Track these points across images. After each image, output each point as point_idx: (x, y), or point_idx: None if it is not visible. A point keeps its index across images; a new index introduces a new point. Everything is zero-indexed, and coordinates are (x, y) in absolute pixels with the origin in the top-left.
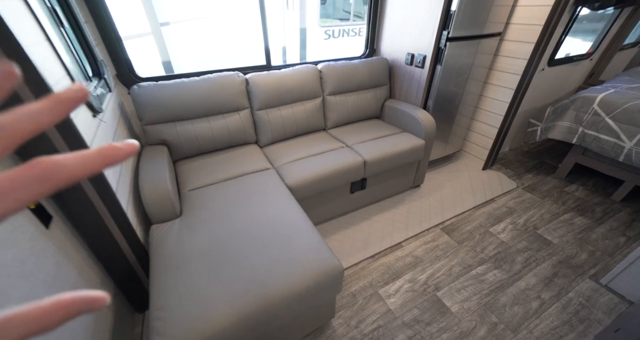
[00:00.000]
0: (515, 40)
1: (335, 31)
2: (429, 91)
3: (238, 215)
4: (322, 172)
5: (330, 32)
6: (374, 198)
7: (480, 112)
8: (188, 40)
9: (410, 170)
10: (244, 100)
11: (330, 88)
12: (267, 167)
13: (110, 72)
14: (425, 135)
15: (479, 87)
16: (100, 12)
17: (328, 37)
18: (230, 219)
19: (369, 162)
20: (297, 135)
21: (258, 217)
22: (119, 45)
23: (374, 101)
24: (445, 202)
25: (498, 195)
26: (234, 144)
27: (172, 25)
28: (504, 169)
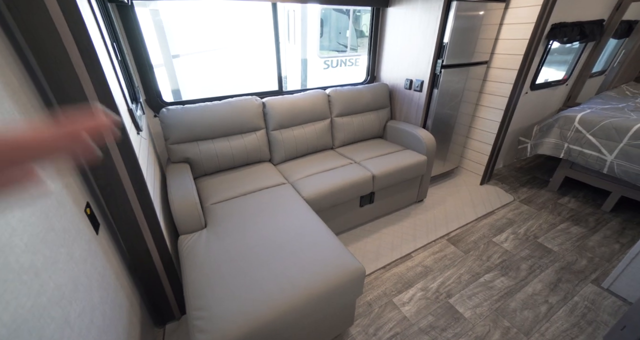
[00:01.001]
0: (500, 67)
1: (333, 61)
2: (428, 112)
3: (262, 225)
4: (335, 185)
5: (329, 62)
6: (382, 212)
7: (475, 131)
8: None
9: (414, 185)
10: (261, 121)
11: (337, 110)
12: (282, 182)
13: (141, 97)
14: (427, 152)
15: (472, 108)
16: (138, 43)
17: (327, 67)
18: (255, 228)
19: (377, 176)
20: (307, 154)
21: (281, 226)
22: (151, 74)
23: (377, 122)
24: (449, 215)
25: (497, 207)
26: (250, 162)
27: (182, 57)
28: (500, 183)
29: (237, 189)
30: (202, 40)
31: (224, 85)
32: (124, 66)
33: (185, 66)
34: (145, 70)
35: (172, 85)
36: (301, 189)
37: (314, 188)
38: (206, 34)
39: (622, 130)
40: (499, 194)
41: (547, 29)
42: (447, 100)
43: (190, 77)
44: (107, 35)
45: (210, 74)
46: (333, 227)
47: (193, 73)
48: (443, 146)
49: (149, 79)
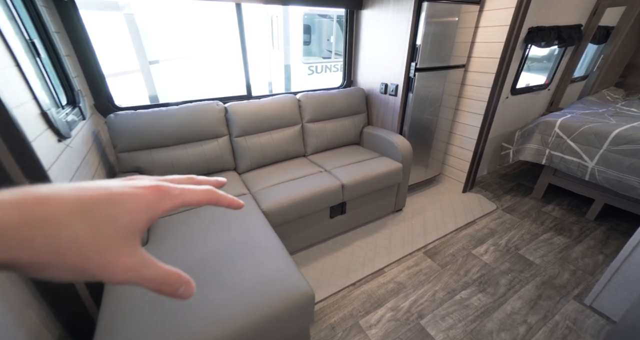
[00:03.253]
0: (478, 71)
1: (318, 67)
2: (404, 117)
3: (205, 243)
4: (299, 196)
5: (313, 68)
6: (355, 223)
7: (455, 136)
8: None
9: (390, 194)
10: (223, 127)
11: (309, 115)
12: (243, 193)
13: (88, 102)
14: (402, 159)
15: (452, 113)
16: (84, 49)
17: (311, 73)
18: (197, 247)
19: (347, 185)
20: (276, 161)
21: (226, 244)
22: (100, 78)
23: (352, 128)
24: (428, 225)
25: (479, 216)
26: (212, 171)
27: (161, 63)
28: (483, 191)
29: None
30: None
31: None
32: (57, 66)
33: (165, 72)
34: (93, 73)
35: (149, 91)
36: (262, 200)
37: (276, 199)
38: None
39: (602, 136)
40: (481, 202)
41: (525, 33)
42: (426, 105)
43: (169, 83)
44: (20, 30)
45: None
46: (300, 241)
47: (173, 79)
48: (424, 152)
49: (97, 82)
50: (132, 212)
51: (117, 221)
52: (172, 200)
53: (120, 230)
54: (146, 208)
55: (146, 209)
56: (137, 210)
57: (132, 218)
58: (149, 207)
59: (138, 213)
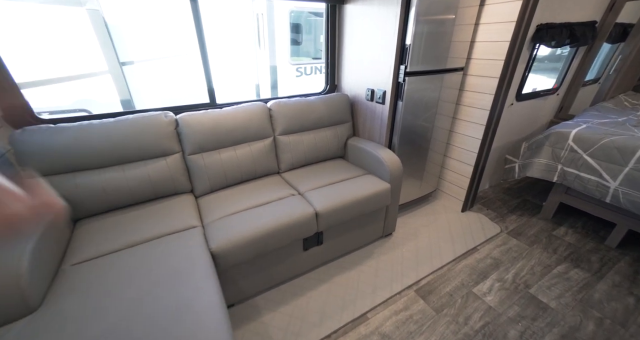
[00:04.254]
0: (478, 75)
1: (307, 68)
2: (393, 128)
3: (118, 306)
4: (262, 229)
5: (302, 69)
6: (335, 254)
7: (453, 148)
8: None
9: (378, 218)
10: (173, 143)
11: (282, 126)
12: (192, 226)
13: None
14: (391, 178)
15: (448, 122)
16: None
17: (300, 75)
18: (104, 313)
19: (322, 213)
20: (244, 181)
21: (146, 307)
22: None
23: (334, 140)
24: (421, 254)
25: (481, 242)
26: (161, 195)
27: (137, 64)
28: (485, 209)
29: (121, 238)
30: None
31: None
32: None
33: (142, 74)
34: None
35: (120, 95)
36: (212, 237)
37: (231, 235)
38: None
39: (627, 151)
40: (483, 223)
41: (532, 31)
42: (419, 113)
43: (147, 86)
44: None
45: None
46: (264, 280)
47: (152, 81)
48: (418, 166)
49: (6, 91)
50: None
51: None
52: None
53: None
54: None
55: None
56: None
57: None
58: None
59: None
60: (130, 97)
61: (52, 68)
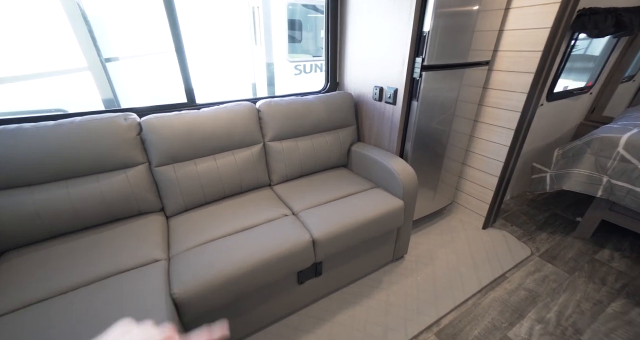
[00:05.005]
0: (508, 70)
1: (306, 66)
2: (406, 132)
3: None
4: (244, 264)
5: (300, 67)
6: (337, 284)
7: (474, 156)
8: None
9: (388, 240)
10: (136, 152)
11: (273, 131)
12: (154, 259)
13: None
14: (404, 194)
15: (468, 126)
16: None
17: (299, 73)
18: None
19: (321, 241)
20: (226, 197)
21: None
22: None
23: (336, 146)
24: (440, 284)
25: (510, 268)
26: (120, 217)
27: (123, 61)
28: (509, 225)
29: (52, 280)
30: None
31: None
32: None
33: (128, 71)
34: None
35: (102, 94)
36: (179, 275)
37: (202, 273)
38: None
39: None
40: (509, 243)
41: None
42: (435, 115)
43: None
44: None
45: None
46: (248, 322)
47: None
48: (432, 175)
49: None
50: None
51: None
52: None
53: None
54: None
55: None
56: None
57: None
58: None
59: None
60: (114, 96)
61: (17, 63)
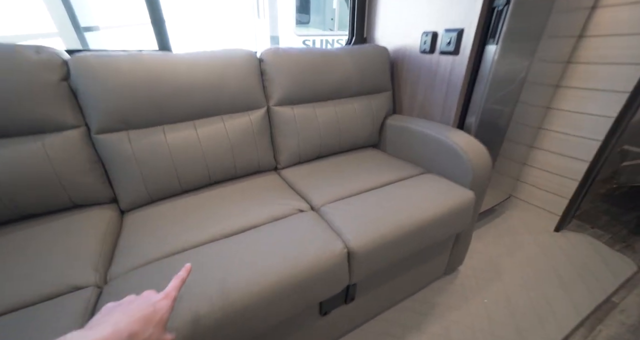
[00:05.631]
0: (624, 1)
1: (316, 41)
2: (470, 98)
3: None
4: (228, 302)
5: (309, 42)
6: (372, 312)
7: (549, 136)
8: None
9: (444, 248)
10: (60, 108)
11: (281, 91)
12: (75, 286)
13: None
14: (474, 181)
15: (548, 94)
16: None
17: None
18: None
19: (359, 252)
20: (213, 183)
21: None
22: None
23: (367, 117)
24: (519, 311)
25: (614, 289)
26: (39, 212)
27: (103, 31)
28: (588, 227)
29: None
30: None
31: None
32: None
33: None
34: None
35: None
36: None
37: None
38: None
39: None
40: (601, 253)
41: None
42: (517, 68)
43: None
44: None
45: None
46: None
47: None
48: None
49: None
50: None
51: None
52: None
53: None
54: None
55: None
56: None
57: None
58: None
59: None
60: None
61: None
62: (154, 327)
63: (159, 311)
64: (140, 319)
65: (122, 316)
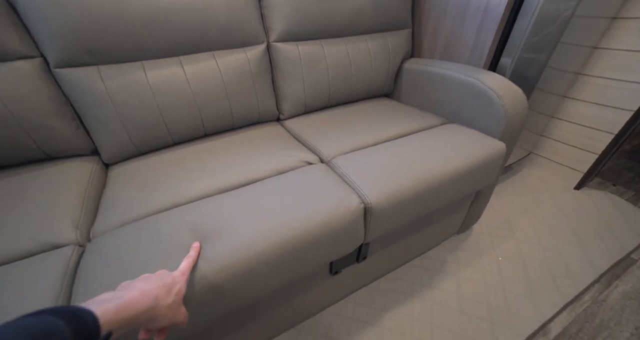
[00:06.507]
0: None
1: None
2: (508, 35)
3: None
4: (227, 265)
5: None
6: (382, 271)
7: (590, 82)
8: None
9: (462, 204)
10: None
11: (283, 24)
12: (52, 245)
13: None
14: (506, 130)
15: (599, 29)
16: None
17: None
18: None
19: (378, 208)
20: (206, 135)
21: None
22: None
23: (382, 59)
24: (532, 268)
25: (635, 246)
26: (16, 162)
27: None
28: (609, 185)
29: None
30: None
31: None
32: None
33: None
34: None
35: None
36: (88, 282)
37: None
38: None
39: None
40: (622, 210)
41: None
42: (560, 5)
43: None
44: None
45: None
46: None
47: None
48: None
49: None
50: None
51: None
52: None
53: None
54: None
55: (177, 291)
56: (175, 292)
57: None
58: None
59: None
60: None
61: None
62: (175, 295)
63: (178, 283)
64: (163, 286)
65: (145, 284)
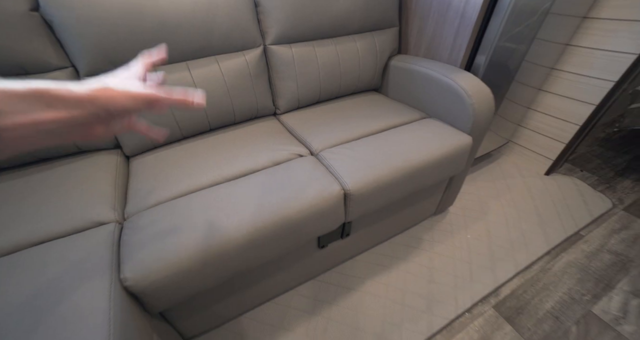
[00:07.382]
0: None
1: None
2: (482, 35)
3: None
4: (233, 237)
5: None
6: (365, 246)
7: (563, 77)
8: None
9: (436, 190)
10: (36, 45)
11: (278, 27)
12: (99, 222)
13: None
14: (474, 127)
15: (571, 27)
16: None
17: None
18: None
19: (356, 194)
20: (211, 130)
21: None
22: None
23: (370, 57)
24: (496, 244)
25: (586, 224)
26: (55, 155)
27: None
28: (577, 171)
29: None
30: None
31: None
32: None
33: None
34: None
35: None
36: (132, 250)
37: (172, 247)
38: None
39: None
40: (583, 193)
41: None
42: (533, 3)
43: None
44: None
45: None
46: (250, 297)
47: None
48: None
49: None
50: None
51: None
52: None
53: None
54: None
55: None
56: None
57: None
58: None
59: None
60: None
61: None
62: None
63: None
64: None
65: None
